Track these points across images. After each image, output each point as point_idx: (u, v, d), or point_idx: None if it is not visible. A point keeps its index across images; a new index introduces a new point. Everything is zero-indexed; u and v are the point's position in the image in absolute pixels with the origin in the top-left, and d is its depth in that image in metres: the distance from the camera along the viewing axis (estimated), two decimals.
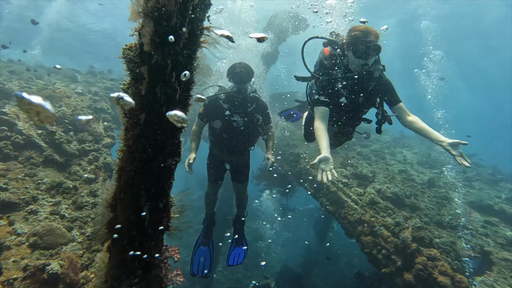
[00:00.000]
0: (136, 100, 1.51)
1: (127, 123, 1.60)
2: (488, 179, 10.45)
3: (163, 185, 1.76)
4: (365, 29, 3.01)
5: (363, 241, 6.01)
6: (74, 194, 4.66)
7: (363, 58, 3.01)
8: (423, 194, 7.83)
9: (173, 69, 1.45)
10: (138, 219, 1.74)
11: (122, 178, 1.72)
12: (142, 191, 1.71)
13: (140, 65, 1.44)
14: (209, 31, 1.56)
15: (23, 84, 7.84)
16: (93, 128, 6.18)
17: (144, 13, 1.41)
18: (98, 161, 5.56)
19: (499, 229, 6.66)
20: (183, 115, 1.35)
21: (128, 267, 1.83)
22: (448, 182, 9.14)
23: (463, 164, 2.83)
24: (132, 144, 1.61)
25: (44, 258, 3.40)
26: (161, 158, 1.65)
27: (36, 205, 4.17)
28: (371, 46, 2.96)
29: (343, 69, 3.22)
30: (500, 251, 5.75)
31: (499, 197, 8.62)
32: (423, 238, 5.33)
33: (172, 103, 1.49)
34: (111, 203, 1.82)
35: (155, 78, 1.43)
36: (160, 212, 1.83)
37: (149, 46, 1.36)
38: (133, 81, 1.52)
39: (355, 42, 3.01)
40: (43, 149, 5.22)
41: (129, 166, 1.67)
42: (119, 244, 1.80)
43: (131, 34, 1.54)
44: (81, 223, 4.16)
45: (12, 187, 4.36)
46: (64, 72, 9.65)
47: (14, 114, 5.65)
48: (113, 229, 1.81)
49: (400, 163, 10.04)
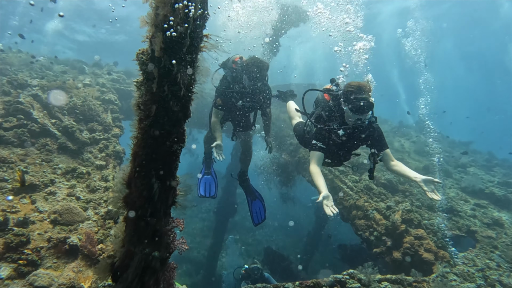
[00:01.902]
0: (148, 96, 1.85)
1: (140, 114, 1.94)
2: (484, 165, 10.72)
3: (170, 167, 2.11)
4: (359, 86, 3.38)
5: (357, 225, 6.38)
6: (87, 178, 5.06)
7: (358, 113, 3.38)
8: None
9: (178, 70, 1.78)
10: (149, 194, 2.10)
11: (136, 161, 2.07)
12: (153, 171, 2.06)
13: (151, 67, 1.77)
14: (208, 38, 1.88)
15: (34, 75, 8.18)
16: (102, 118, 6.54)
17: (154, 25, 1.73)
18: (108, 149, 5.94)
19: (488, 210, 7.01)
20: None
21: (141, 234, 2.20)
22: (444, 169, 9.46)
23: (433, 198, 3.25)
24: (145, 132, 1.95)
25: (64, 233, 3.83)
26: (169, 144, 1.99)
27: (54, 187, 4.59)
28: (366, 104, 3.31)
29: (339, 121, 3.62)
30: (485, 230, 6.11)
31: (492, 181, 8.93)
32: (412, 220, 5.68)
33: (177, 98, 1.82)
34: (127, 181, 2.18)
35: (164, 78, 1.76)
36: (168, 189, 2.18)
37: (159, 52, 1.69)
38: (145, 80, 1.85)
39: (351, 99, 3.38)
40: (57, 137, 5.61)
41: (142, 150, 2.02)
42: (134, 214, 2.16)
43: (142, 40, 1.87)
44: (95, 204, 4.57)
45: (32, 170, 4.77)
46: (72, 63, 9.97)
47: (29, 104, 6.02)
48: (129, 203, 2.17)
49: (398, 152, 10.33)
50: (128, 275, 2.20)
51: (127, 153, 6.24)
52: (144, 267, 2.21)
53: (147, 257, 2.18)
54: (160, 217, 2.19)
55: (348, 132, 3.58)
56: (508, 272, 4.95)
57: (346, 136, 3.63)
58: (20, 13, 18.44)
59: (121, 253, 2.26)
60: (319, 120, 3.84)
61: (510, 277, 4.75)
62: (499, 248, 5.62)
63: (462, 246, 5.91)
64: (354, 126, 3.50)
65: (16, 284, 3.16)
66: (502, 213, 7.11)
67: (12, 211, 3.95)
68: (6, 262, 3.34)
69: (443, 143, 12.59)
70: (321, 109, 3.86)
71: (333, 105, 3.68)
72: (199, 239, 13.67)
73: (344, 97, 3.50)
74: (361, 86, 3.39)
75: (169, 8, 1.61)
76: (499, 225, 6.45)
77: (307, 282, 4.01)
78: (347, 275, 4.25)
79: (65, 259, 3.60)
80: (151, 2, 1.70)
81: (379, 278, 4.39)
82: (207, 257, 11.90)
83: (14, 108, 5.77)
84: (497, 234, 6.05)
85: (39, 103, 6.34)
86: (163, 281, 2.33)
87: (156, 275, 2.27)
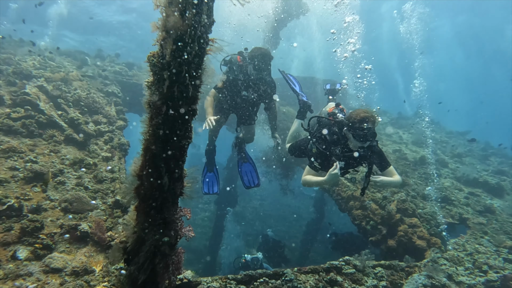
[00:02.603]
0: (159, 96, 2.01)
1: (151, 112, 2.11)
2: (480, 154, 10.92)
3: (178, 161, 2.29)
4: (364, 116, 3.44)
5: (354, 214, 6.61)
6: (94, 169, 5.26)
7: (362, 141, 3.49)
8: (414, 171, 8.37)
9: (187, 73, 1.94)
10: (159, 185, 2.29)
11: (147, 154, 2.25)
12: (163, 164, 2.24)
13: (162, 69, 1.93)
14: (213, 42, 2.03)
15: (37, 65, 8.28)
16: (106, 111, 6.70)
17: (165, 31, 1.88)
18: (113, 141, 6.12)
19: (481, 198, 7.26)
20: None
21: (152, 221, 2.40)
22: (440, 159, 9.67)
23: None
24: (155, 129, 2.12)
25: (75, 220, 4.05)
26: (177, 139, 2.17)
27: (63, 177, 4.79)
28: (369, 133, 3.42)
29: (342, 147, 3.72)
30: (476, 217, 6.36)
31: (487, 170, 9.15)
32: (407, 209, 5.91)
33: (185, 98, 1.99)
34: (138, 173, 2.37)
35: (173, 80, 1.92)
36: (176, 181, 2.37)
37: (169, 57, 1.84)
38: (156, 81, 2.02)
39: (355, 128, 3.47)
40: (64, 128, 5.78)
41: (153, 145, 2.19)
42: (145, 203, 2.35)
43: (153, 44, 2.03)
44: (102, 194, 4.78)
45: (41, 160, 4.96)
46: (74, 54, 10.04)
47: (35, 95, 6.17)
48: (140, 193, 2.36)
49: (396, 143, 10.51)
50: (139, 258, 2.41)
51: (132, 145, 6.43)
52: (155, 251, 2.41)
53: (157, 242, 2.38)
54: (169, 207, 2.39)
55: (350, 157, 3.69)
56: (495, 255, 5.21)
57: (347, 159, 3.75)
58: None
59: (133, 238, 2.46)
60: (321, 142, 3.91)
61: (497, 260, 5.01)
62: (488, 234, 5.88)
63: (455, 233, 6.17)
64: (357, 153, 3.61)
65: (34, 265, 3.39)
66: (494, 200, 7.36)
67: (26, 199, 4.17)
68: (23, 245, 3.57)
69: (440, 133, 12.77)
70: (325, 131, 3.90)
71: (337, 130, 3.76)
72: (200, 230, 13.99)
73: (348, 124, 3.58)
74: (366, 115, 3.46)
75: (179, 16, 1.76)
76: (490, 212, 6.70)
77: (305, 268, 4.25)
78: (343, 261, 4.49)
79: (77, 245, 3.83)
80: (161, 9, 1.85)
81: (373, 264, 4.63)
82: (208, 247, 12.24)
83: (21, 99, 5.92)
84: (487, 221, 6.30)
85: (44, 95, 6.48)
86: (172, 264, 2.54)
87: (165, 259, 2.48)
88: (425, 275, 4.53)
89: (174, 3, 1.74)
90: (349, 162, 3.81)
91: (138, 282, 2.48)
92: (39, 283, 3.27)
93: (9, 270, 3.34)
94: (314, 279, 4.06)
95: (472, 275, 4.85)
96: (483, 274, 4.84)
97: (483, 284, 4.65)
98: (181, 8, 1.78)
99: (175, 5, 1.74)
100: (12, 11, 18.55)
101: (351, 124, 3.53)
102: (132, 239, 2.47)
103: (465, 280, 4.69)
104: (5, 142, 5.10)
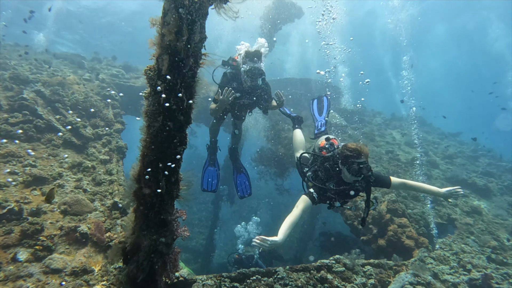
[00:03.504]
0: (155, 106, 2.17)
1: (148, 121, 2.26)
2: (470, 155, 11.18)
3: (175, 165, 2.45)
4: (357, 149, 3.44)
5: (346, 215, 6.80)
6: (92, 172, 5.39)
7: (356, 175, 3.47)
8: (406, 172, 8.58)
9: (181, 85, 2.11)
10: (156, 189, 2.44)
11: (145, 160, 2.41)
12: (159, 169, 2.40)
13: (158, 82, 2.09)
14: (206, 56, 2.19)
15: (34, 70, 8.38)
16: (104, 114, 6.83)
17: (161, 47, 2.04)
18: (111, 144, 6.26)
19: (469, 199, 7.49)
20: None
21: (149, 223, 2.55)
22: (431, 160, 9.91)
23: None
24: (152, 137, 2.28)
25: (74, 222, 4.18)
26: (173, 146, 2.33)
27: (62, 180, 4.92)
28: (364, 167, 3.40)
29: (336, 180, 3.69)
30: (464, 218, 6.58)
31: (476, 172, 9.40)
32: (397, 209, 6.10)
33: (180, 109, 2.15)
34: (137, 178, 2.52)
35: (169, 92, 2.08)
36: (172, 184, 2.53)
37: (165, 71, 2.00)
38: (152, 93, 2.18)
39: (348, 162, 3.46)
40: (62, 132, 5.90)
41: (150, 151, 2.35)
42: (143, 206, 2.51)
43: (150, 58, 2.19)
44: (101, 197, 4.91)
45: (40, 164, 5.09)
46: (71, 57, 10.14)
47: (33, 100, 6.28)
48: (138, 196, 2.52)
49: (389, 144, 10.72)
50: (138, 257, 2.57)
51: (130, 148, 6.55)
52: (153, 251, 2.57)
53: (155, 242, 2.54)
54: (166, 209, 2.54)
55: (345, 190, 3.66)
56: (479, 254, 5.42)
57: (342, 192, 3.70)
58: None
59: (132, 239, 2.62)
60: (316, 177, 3.90)
61: (481, 259, 5.22)
62: (474, 234, 6.09)
63: (443, 233, 6.38)
64: (352, 187, 3.60)
65: (34, 267, 3.52)
66: (482, 201, 7.59)
67: (25, 202, 4.29)
68: (23, 247, 3.70)
69: (432, 134, 13.04)
70: (317, 167, 3.93)
71: (330, 165, 3.74)
72: (197, 229, 14.12)
73: (341, 158, 3.56)
74: (359, 149, 3.45)
75: (174, 36, 1.92)
76: (477, 213, 6.92)
77: (296, 266, 4.41)
78: (333, 260, 4.66)
79: (76, 246, 3.97)
80: (157, 28, 2.01)
81: (362, 263, 4.81)
82: (205, 246, 12.39)
83: (19, 105, 6.04)
84: (474, 221, 6.52)
85: (42, 99, 6.59)
86: (169, 262, 2.70)
87: (163, 258, 2.64)
88: (411, 273, 4.72)
89: (169, 24, 1.90)
90: (345, 196, 3.77)
91: (137, 281, 2.64)
92: (40, 284, 3.41)
93: (9, 272, 3.46)
94: (305, 277, 4.23)
95: (456, 273, 5.05)
96: (466, 273, 5.03)
97: (466, 283, 4.84)
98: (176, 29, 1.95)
99: (170, 26, 1.90)
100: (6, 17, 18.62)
101: (344, 158, 3.52)
102: (131, 239, 2.62)
103: (449, 278, 4.88)
104: (3, 146, 5.22)
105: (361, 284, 4.43)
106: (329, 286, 4.24)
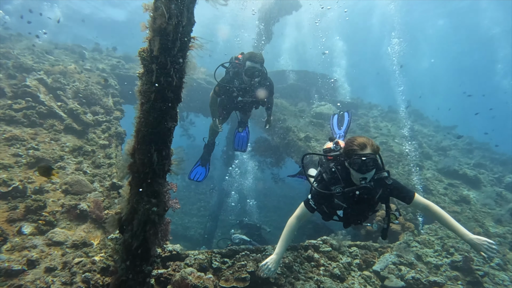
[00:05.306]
0: (148, 85, 2.39)
1: (142, 99, 2.48)
2: (465, 148, 11.38)
3: (166, 140, 2.67)
4: (362, 143, 3.00)
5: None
6: (92, 156, 5.63)
7: (362, 172, 2.98)
8: (398, 162, 8.80)
9: (171, 65, 2.32)
10: (149, 161, 2.67)
11: (139, 135, 2.63)
12: (152, 144, 2.62)
13: (150, 62, 2.30)
14: (195, 39, 2.40)
15: (36, 59, 8.59)
16: (103, 102, 7.05)
17: (152, 29, 2.25)
18: (110, 130, 6.49)
19: (458, 189, 7.71)
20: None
21: (143, 194, 2.78)
22: (424, 152, 10.12)
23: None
24: (145, 114, 2.50)
25: (75, 201, 4.43)
26: (165, 122, 2.55)
27: (63, 162, 5.16)
28: (368, 160, 2.93)
29: (345, 184, 3.19)
30: (452, 206, 6.80)
31: (468, 164, 9.61)
32: None
33: (171, 87, 2.36)
34: (131, 152, 2.75)
35: (160, 72, 2.29)
36: (164, 158, 2.75)
37: (157, 52, 2.21)
38: (145, 72, 2.39)
39: (352, 156, 3.00)
40: (63, 118, 6.13)
41: (143, 127, 2.57)
42: (137, 178, 2.74)
43: (143, 41, 2.40)
44: (100, 178, 5.15)
45: (42, 148, 5.32)
46: (72, 48, 10.34)
47: (35, 87, 6.50)
48: (133, 169, 2.74)
49: (383, 136, 10.93)
50: (133, 226, 2.81)
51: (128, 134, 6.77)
52: (146, 220, 2.80)
53: (148, 212, 2.77)
54: (158, 180, 2.77)
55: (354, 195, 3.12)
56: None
57: (352, 199, 3.18)
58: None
59: (127, 209, 2.85)
60: (319, 182, 3.45)
61: (464, 244, 5.45)
62: (461, 221, 6.32)
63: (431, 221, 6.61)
64: (359, 189, 3.05)
65: (38, 239, 3.78)
66: (471, 191, 7.81)
67: (29, 182, 4.53)
68: (28, 222, 3.96)
69: (428, 127, 13.22)
70: (322, 171, 3.48)
71: (335, 166, 3.32)
72: (196, 219, 14.40)
73: (345, 155, 3.12)
74: (363, 142, 3.01)
75: (164, 19, 2.12)
76: (465, 202, 7.15)
77: None
78: (320, 240, 4.90)
79: (76, 222, 4.22)
80: (150, 13, 2.22)
81: (349, 244, 5.05)
82: (204, 235, 12.68)
83: (22, 91, 6.26)
84: (462, 210, 6.75)
85: (44, 87, 6.81)
86: (161, 231, 2.93)
87: (155, 227, 2.87)
88: (395, 254, 4.97)
89: (160, 8, 2.11)
90: (355, 207, 3.29)
91: (132, 248, 2.88)
92: (43, 254, 3.66)
93: (15, 243, 3.72)
94: (293, 255, 4.47)
95: (440, 256, 5.29)
96: (449, 256, 5.28)
97: (448, 265, 5.09)
98: (166, 13, 2.15)
99: (161, 10, 2.11)
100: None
101: (347, 152, 3.08)
102: (126, 209, 2.85)
103: (432, 260, 5.12)
104: (7, 131, 5.46)
105: (347, 263, 4.67)
106: (315, 264, 4.49)
